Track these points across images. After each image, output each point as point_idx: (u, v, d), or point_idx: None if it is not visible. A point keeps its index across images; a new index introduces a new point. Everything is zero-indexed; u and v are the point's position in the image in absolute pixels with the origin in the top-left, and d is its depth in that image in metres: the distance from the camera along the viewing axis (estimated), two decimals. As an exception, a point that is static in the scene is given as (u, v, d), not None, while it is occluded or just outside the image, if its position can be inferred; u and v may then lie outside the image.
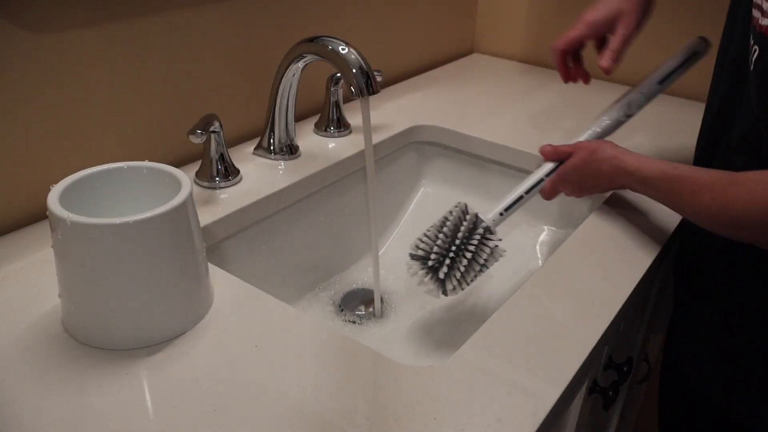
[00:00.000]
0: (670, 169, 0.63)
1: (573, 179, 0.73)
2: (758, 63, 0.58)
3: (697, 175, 0.60)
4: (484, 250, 0.66)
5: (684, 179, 0.61)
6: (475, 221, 0.66)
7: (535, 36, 1.31)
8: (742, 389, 0.64)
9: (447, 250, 0.66)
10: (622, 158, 0.68)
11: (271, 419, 0.47)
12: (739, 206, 0.54)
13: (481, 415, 0.48)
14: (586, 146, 0.72)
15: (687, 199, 0.60)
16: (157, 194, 0.56)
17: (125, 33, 0.73)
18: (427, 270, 0.66)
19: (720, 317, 0.65)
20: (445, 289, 0.66)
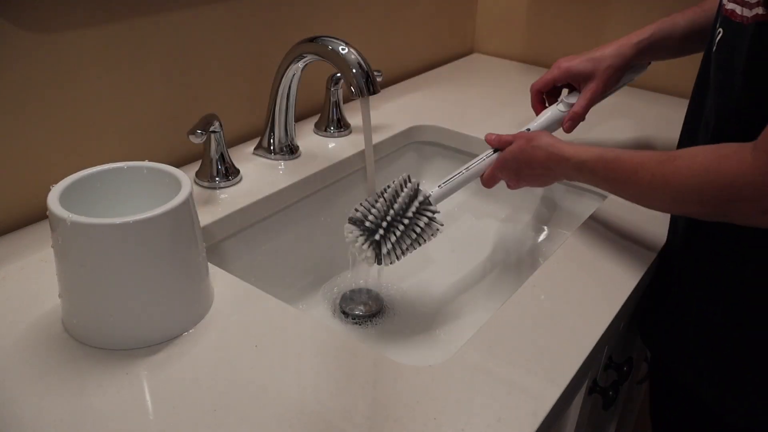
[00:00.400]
0: (606, 153, 0.64)
1: (511, 166, 0.74)
2: (720, 44, 0.60)
3: (634, 155, 0.61)
4: (420, 219, 0.65)
5: (620, 160, 0.62)
6: (415, 190, 0.66)
7: (535, 36, 1.31)
8: (734, 387, 0.64)
9: (384, 215, 0.65)
10: (558, 145, 0.69)
11: (271, 419, 0.47)
12: (679, 180, 0.55)
13: (481, 415, 0.48)
14: (524, 135, 0.74)
15: (626, 179, 0.61)
16: (157, 194, 0.56)
17: (125, 33, 0.73)
18: (364, 234, 0.65)
19: (709, 313, 0.65)
20: (379, 255, 0.65)
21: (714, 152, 0.54)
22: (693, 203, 0.56)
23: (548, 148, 0.70)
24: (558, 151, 0.69)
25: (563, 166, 0.69)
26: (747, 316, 0.61)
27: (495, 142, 0.77)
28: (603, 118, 1.03)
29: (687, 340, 0.68)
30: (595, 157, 0.65)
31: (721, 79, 0.60)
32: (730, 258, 0.62)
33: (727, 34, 0.58)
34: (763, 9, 0.52)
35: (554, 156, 0.69)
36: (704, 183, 0.53)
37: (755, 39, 0.54)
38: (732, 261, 0.62)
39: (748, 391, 0.63)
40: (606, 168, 0.64)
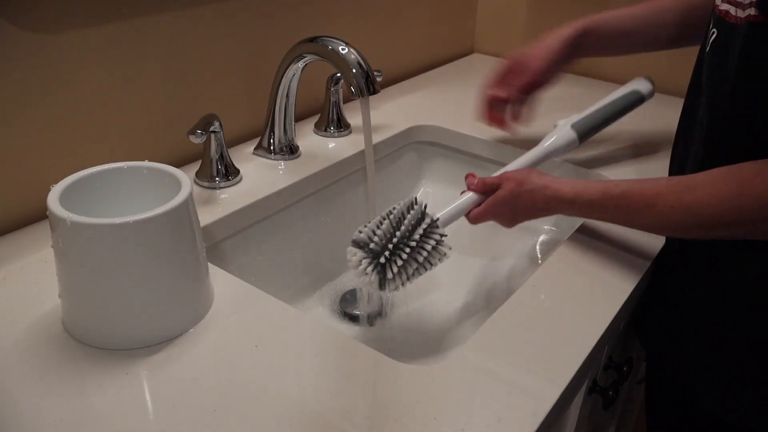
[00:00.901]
0: (611, 187, 0.63)
1: (503, 212, 0.70)
2: (713, 45, 0.60)
3: (645, 186, 0.60)
4: (427, 243, 0.62)
5: (631, 194, 0.61)
6: (422, 213, 0.63)
7: (535, 36, 1.30)
8: (733, 387, 0.64)
9: (390, 238, 0.61)
10: (554, 187, 0.66)
11: (271, 419, 0.47)
12: (705, 209, 0.55)
13: (481, 415, 0.48)
14: (513, 177, 0.70)
15: (642, 212, 0.60)
16: (157, 194, 0.56)
17: (125, 33, 0.73)
18: (368, 257, 0.61)
19: (708, 313, 0.64)
20: (384, 280, 0.61)
21: (735, 176, 0.54)
22: (722, 228, 0.55)
23: (544, 191, 0.67)
24: (557, 194, 0.66)
25: (566, 208, 0.66)
26: (746, 316, 0.61)
27: (480, 187, 0.71)
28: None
29: (686, 341, 0.67)
30: (601, 195, 0.63)
31: (714, 80, 0.60)
32: (728, 258, 0.62)
33: (720, 35, 0.59)
34: (755, 10, 0.53)
35: (554, 200, 0.66)
36: (734, 208, 0.53)
37: (747, 40, 0.54)
38: (730, 261, 0.62)
39: (746, 391, 0.63)
40: (617, 205, 0.62)
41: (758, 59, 0.53)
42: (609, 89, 1.18)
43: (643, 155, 0.91)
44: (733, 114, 0.57)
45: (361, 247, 0.61)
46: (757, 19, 0.53)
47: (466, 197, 0.71)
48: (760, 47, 0.53)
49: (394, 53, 1.18)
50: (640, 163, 0.89)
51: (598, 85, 1.19)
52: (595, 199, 0.64)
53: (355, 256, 0.61)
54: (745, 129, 0.56)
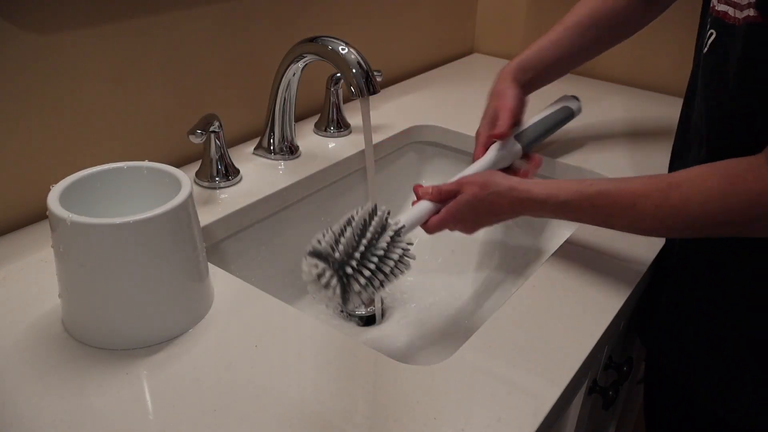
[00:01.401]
0: (585, 187, 0.60)
1: (466, 217, 0.66)
2: (712, 46, 0.59)
3: (623, 186, 0.58)
4: (394, 252, 0.56)
5: (608, 194, 0.58)
6: (385, 220, 0.57)
7: (535, 36, 1.30)
8: (733, 386, 0.64)
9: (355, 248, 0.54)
10: (523, 188, 0.63)
11: (271, 419, 0.47)
12: (692, 207, 0.53)
13: (481, 415, 0.48)
14: (474, 181, 0.65)
15: (621, 213, 0.58)
16: (157, 194, 0.56)
17: (125, 33, 0.73)
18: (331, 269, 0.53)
19: (708, 313, 0.64)
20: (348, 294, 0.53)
21: (722, 173, 0.52)
22: (710, 227, 0.54)
23: (512, 192, 0.63)
24: (526, 195, 0.62)
25: (537, 209, 0.63)
26: (745, 316, 0.61)
27: (435, 196, 0.66)
28: (602, 118, 1.03)
29: (686, 341, 0.68)
30: (576, 195, 0.60)
31: (713, 81, 0.59)
32: (728, 258, 0.62)
33: (719, 36, 0.58)
34: (754, 11, 0.52)
35: (522, 201, 0.63)
36: (724, 206, 0.52)
37: (747, 41, 0.54)
38: (730, 261, 0.62)
39: (746, 390, 0.63)
40: (592, 204, 0.59)
41: (758, 60, 0.53)
42: (610, 89, 1.18)
43: (643, 155, 0.91)
44: (734, 115, 0.57)
45: (322, 258, 0.53)
46: (755, 20, 0.52)
47: (422, 204, 0.67)
48: (759, 48, 0.53)
49: (394, 53, 1.18)
50: (640, 163, 0.89)
51: (599, 85, 1.20)
52: (569, 200, 0.60)
53: (315, 268, 0.53)
54: (746, 130, 0.56)
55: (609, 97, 1.13)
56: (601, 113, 1.05)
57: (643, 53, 1.17)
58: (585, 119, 1.03)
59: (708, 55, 0.60)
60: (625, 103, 1.11)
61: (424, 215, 0.67)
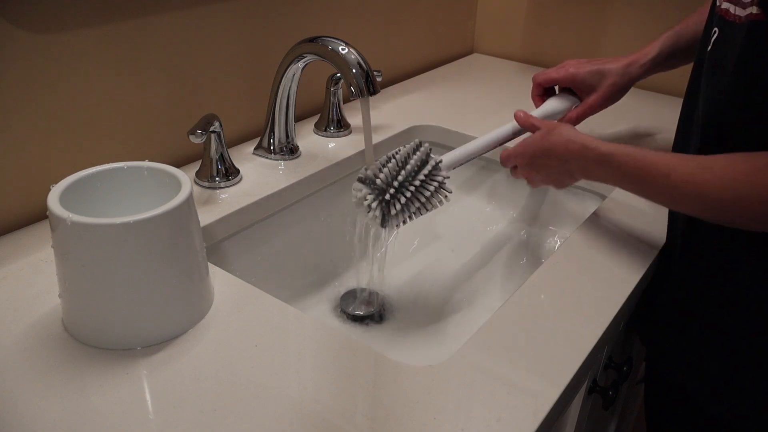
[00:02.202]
0: (630, 148, 0.62)
1: (527, 152, 0.72)
2: (716, 44, 0.60)
3: (661, 155, 0.60)
4: (431, 184, 0.64)
5: (650, 159, 0.60)
6: (426, 155, 0.65)
7: (535, 36, 1.31)
8: (730, 388, 0.64)
9: (395, 176, 0.63)
10: (579, 135, 0.67)
11: (271, 419, 0.47)
12: (713, 191, 0.54)
13: (481, 415, 0.48)
14: (548, 124, 0.72)
15: (655, 180, 0.59)
16: (157, 194, 0.56)
17: (125, 33, 0.73)
18: (373, 193, 0.64)
19: (708, 314, 0.64)
20: (387, 217, 0.64)
21: (749, 164, 0.53)
22: (726, 214, 0.55)
23: (567, 135, 0.67)
24: (578, 139, 0.66)
25: (583, 158, 0.65)
26: (746, 317, 0.61)
27: (522, 120, 0.74)
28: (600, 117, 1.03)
29: (685, 342, 0.67)
30: (622, 151, 0.62)
31: (714, 77, 0.60)
32: (729, 260, 0.62)
33: (722, 33, 0.59)
34: (757, 8, 0.53)
35: (573, 145, 0.66)
36: (741, 197, 0.53)
37: (749, 37, 0.54)
38: (731, 263, 0.62)
39: (745, 392, 0.63)
40: (635, 165, 0.61)
41: (759, 57, 0.53)
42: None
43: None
44: (729, 109, 0.57)
45: (367, 184, 0.64)
46: (758, 17, 0.53)
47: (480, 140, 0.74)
48: (760, 45, 0.53)
49: (394, 53, 1.18)
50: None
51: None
52: (615, 153, 0.62)
53: (360, 192, 0.65)
54: (740, 125, 0.57)
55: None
56: (601, 113, 1.05)
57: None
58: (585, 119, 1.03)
59: (711, 52, 0.61)
60: (625, 103, 1.11)
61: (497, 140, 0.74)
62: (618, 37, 1.19)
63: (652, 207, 0.76)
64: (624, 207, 0.78)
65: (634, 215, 0.76)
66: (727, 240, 0.61)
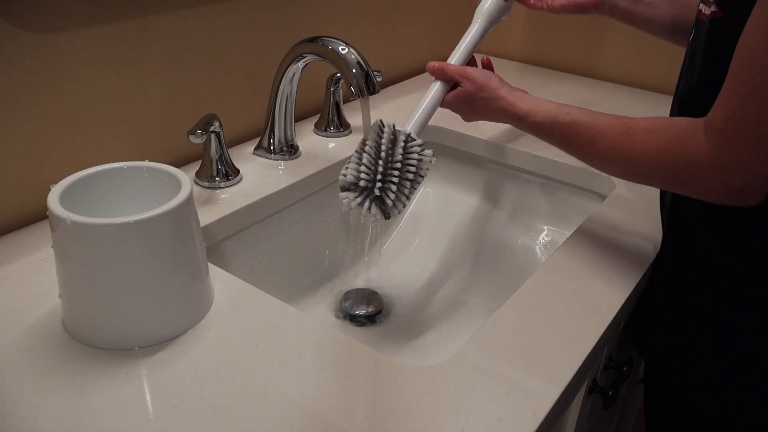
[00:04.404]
0: (561, 115, 0.64)
1: (461, 108, 0.74)
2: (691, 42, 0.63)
3: (590, 120, 0.62)
4: (411, 158, 0.63)
5: (576, 125, 0.63)
6: (393, 133, 0.64)
7: (535, 36, 1.31)
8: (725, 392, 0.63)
9: (375, 169, 0.62)
10: (510, 100, 0.69)
11: (271, 419, 0.47)
12: (635, 155, 0.57)
13: (481, 415, 0.48)
14: (473, 78, 0.72)
15: (581, 145, 0.62)
16: (157, 194, 0.56)
17: (125, 33, 0.73)
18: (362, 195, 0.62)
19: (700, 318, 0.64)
20: (386, 210, 0.63)
21: (668, 131, 0.55)
22: (648, 177, 0.58)
23: (499, 102, 0.70)
24: (511, 107, 0.69)
25: (515, 123, 0.69)
26: (739, 321, 0.61)
27: (438, 73, 0.73)
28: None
29: (680, 346, 0.67)
30: (550, 120, 0.65)
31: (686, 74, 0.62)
32: (723, 263, 0.61)
33: (696, 32, 0.61)
34: (716, 6, 0.56)
35: (507, 112, 0.69)
36: (660, 161, 0.55)
37: (709, 34, 0.57)
38: (723, 266, 0.61)
39: (743, 396, 0.62)
40: (562, 132, 0.64)
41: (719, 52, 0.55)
42: (608, 89, 1.18)
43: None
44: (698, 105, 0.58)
45: (352, 190, 0.63)
46: (716, 15, 0.55)
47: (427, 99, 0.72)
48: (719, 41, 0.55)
49: (394, 53, 1.18)
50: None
51: (599, 85, 1.20)
52: (543, 122, 0.66)
53: (348, 199, 0.63)
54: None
55: (609, 97, 1.13)
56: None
57: (642, 53, 1.17)
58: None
59: (688, 51, 0.63)
60: (625, 103, 1.11)
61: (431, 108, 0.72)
62: (617, 37, 1.19)
63: (653, 207, 0.76)
64: (624, 207, 0.78)
65: (635, 215, 0.76)
66: (719, 242, 0.61)
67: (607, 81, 1.22)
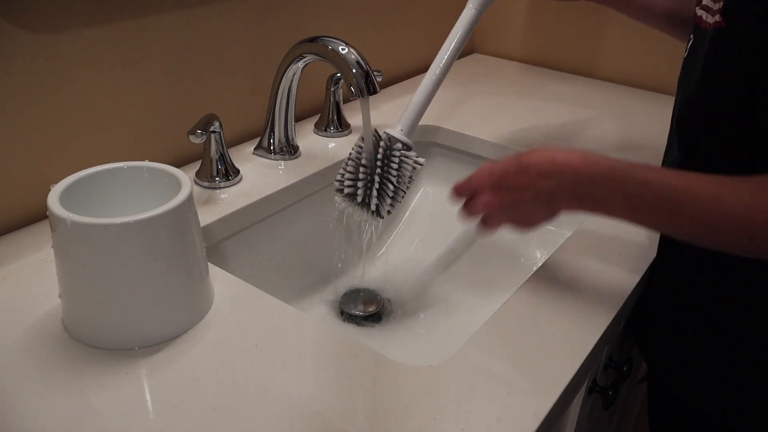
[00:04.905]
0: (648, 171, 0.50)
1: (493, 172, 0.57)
2: (690, 50, 0.62)
3: (701, 178, 0.49)
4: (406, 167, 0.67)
5: (685, 181, 0.48)
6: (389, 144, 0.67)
7: (535, 36, 1.31)
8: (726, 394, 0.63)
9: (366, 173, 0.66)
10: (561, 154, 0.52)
11: (271, 419, 0.47)
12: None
13: (481, 415, 0.48)
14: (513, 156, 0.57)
15: (703, 205, 0.48)
16: (157, 194, 0.56)
17: (125, 33, 0.73)
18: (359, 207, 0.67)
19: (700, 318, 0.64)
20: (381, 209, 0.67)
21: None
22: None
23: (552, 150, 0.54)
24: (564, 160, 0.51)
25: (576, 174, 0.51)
26: (739, 321, 0.61)
27: (466, 190, 0.60)
28: (600, 117, 1.03)
29: (680, 348, 0.67)
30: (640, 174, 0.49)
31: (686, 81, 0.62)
32: (722, 266, 0.61)
33: (695, 39, 0.61)
34: (720, 16, 0.55)
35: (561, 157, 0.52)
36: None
37: (712, 44, 0.56)
38: (725, 269, 0.61)
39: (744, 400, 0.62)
40: (660, 193, 0.48)
41: (720, 63, 0.55)
42: (608, 89, 1.18)
43: (642, 155, 0.91)
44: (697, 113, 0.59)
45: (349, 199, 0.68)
46: (720, 25, 0.55)
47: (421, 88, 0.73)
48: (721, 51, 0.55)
49: (394, 53, 1.18)
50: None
51: (598, 85, 1.20)
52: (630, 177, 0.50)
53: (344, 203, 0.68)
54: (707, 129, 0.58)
55: (608, 97, 1.13)
56: (600, 113, 1.05)
57: (642, 54, 1.17)
58: (584, 119, 1.03)
59: (687, 58, 0.63)
60: (625, 103, 1.11)
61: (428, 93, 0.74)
62: (617, 37, 1.19)
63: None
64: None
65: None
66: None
67: (607, 81, 1.22)
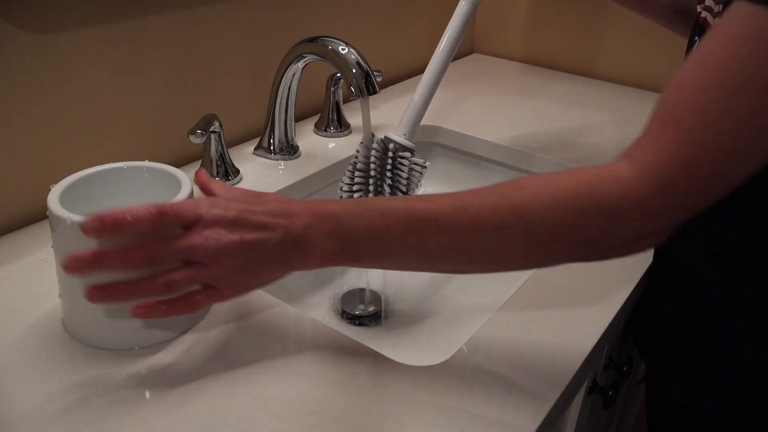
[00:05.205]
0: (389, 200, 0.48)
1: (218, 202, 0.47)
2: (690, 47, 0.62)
3: (443, 196, 0.49)
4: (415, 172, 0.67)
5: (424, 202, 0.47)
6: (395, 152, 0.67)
7: (535, 36, 1.31)
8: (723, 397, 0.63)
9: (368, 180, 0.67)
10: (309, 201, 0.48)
11: (271, 419, 0.47)
12: (538, 214, 0.46)
13: (481, 415, 0.48)
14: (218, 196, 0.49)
15: (449, 218, 0.47)
16: (157, 194, 0.56)
17: (125, 33, 0.73)
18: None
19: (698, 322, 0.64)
20: None
21: (573, 178, 0.46)
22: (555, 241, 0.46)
23: (285, 197, 0.49)
24: (313, 206, 0.47)
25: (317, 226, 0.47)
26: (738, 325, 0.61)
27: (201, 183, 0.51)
28: (601, 117, 1.03)
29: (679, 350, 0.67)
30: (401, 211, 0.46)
31: None
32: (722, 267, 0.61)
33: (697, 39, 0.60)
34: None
35: (312, 210, 0.47)
36: (578, 211, 0.45)
37: None
38: (725, 271, 0.61)
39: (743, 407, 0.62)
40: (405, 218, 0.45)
41: None
42: (608, 89, 1.18)
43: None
44: None
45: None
46: None
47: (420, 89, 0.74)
48: None
49: (394, 53, 1.18)
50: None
51: (598, 85, 1.20)
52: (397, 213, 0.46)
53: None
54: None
55: (608, 97, 1.13)
56: (600, 113, 1.05)
57: (642, 54, 1.17)
58: (584, 119, 1.03)
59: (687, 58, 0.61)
60: (625, 103, 1.11)
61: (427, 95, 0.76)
62: (617, 37, 1.19)
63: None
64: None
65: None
66: (718, 243, 0.61)
67: (607, 81, 1.22)
